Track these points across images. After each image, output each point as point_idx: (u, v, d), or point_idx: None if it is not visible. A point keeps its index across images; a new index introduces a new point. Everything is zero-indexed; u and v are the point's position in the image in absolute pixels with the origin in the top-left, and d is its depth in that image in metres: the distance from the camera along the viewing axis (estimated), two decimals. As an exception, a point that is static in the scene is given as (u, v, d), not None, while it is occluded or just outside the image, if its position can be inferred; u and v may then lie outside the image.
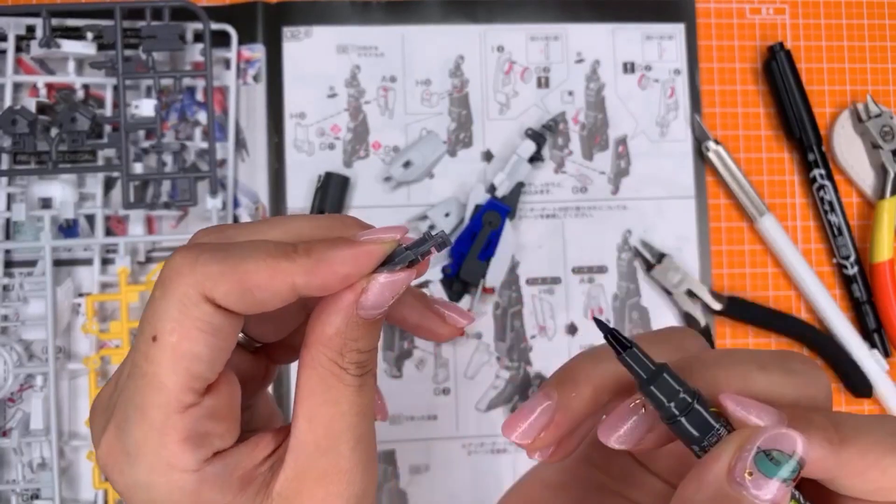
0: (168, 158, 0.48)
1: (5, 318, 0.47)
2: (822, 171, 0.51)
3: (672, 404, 0.19)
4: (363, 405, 0.21)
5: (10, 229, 0.48)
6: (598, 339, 0.20)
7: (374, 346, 0.21)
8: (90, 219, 0.48)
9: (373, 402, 0.22)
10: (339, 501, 0.20)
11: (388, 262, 0.20)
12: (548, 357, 0.50)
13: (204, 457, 0.19)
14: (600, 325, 0.20)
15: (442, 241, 0.20)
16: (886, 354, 0.51)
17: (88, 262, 0.48)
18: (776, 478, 0.17)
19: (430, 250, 0.20)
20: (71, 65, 0.48)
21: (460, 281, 0.48)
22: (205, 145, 0.48)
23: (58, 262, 0.48)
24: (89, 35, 0.48)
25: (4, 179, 0.47)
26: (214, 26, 0.48)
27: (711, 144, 0.51)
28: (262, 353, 0.25)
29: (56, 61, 0.49)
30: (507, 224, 0.49)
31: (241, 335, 0.23)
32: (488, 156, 0.51)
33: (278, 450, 0.21)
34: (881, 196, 0.52)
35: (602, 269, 0.51)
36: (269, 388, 0.27)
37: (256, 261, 0.19)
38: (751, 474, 0.17)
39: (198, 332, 0.19)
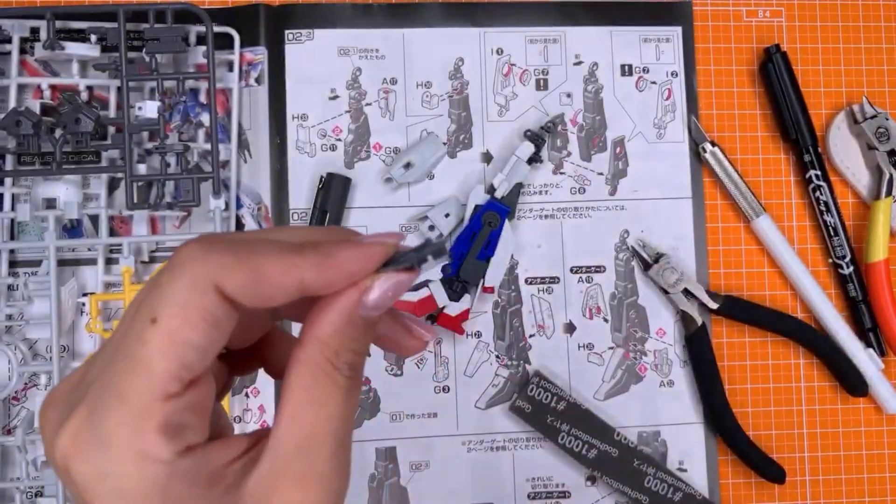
0: (171, 159, 0.48)
1: (10, 317, 0.47)
2: (818, 172, 0.52)
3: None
4: (349, 410, 0.21)
5: (15, 229, 0.48)
6: (597, 340, 0.21)
7: (367, 348, 0.21)
8: (94, 219, 0.49)
9: (356, 409, 0.22)
10: None
11: (388, 265, 0.20)
12: (546, 355, 0.51)
13: (178, 448, 0.19)
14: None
15: (439, 250, 0.20)
16: (881, 353, 0.52)
17: (92, 261, 0.48)
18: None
19: (427, 257, 0.20)
20: (75, 66, 0.49)
21: (460, 280, 0.49)
22: (208, 146, 0.48)
23: (62, 262, 0.48)
24: (93, 37, 0.48)
25: (9, 180, 0.48)
26: (217, 29, 0.49)
27: (708, 146, 0.52)
28: (225, 360, 0.24)
29: (60, 63, 0.49)
30: (507, 224, 0.50)
31: None
32: (488, 157, 0.52)
33: (251, 451, 0.20)
34: (876, 197, 0.52)
35: (600, 269, 0.52)
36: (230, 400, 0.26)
37: (268, 254, 0.19)
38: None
39: (200, 321, 0.18)
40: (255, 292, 0.19)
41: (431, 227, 0.50)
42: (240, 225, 0.50)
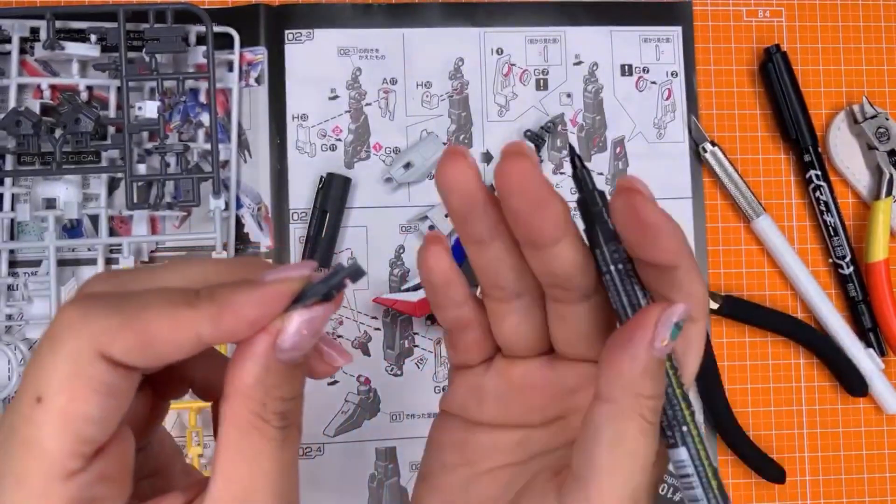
0: (171, 159, 0.48)
1: (9, 317, 0.47)
2: (818, 172, 0.52)
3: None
4: (286, 461, 0.19)
5: (15, 229, 0.48)
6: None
7: (297, 392, 0.19)
8: (94, 219, 0.49)
9: (296, 457, 0.20)
10: None
11: (299, 300, 0.19)
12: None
13: None
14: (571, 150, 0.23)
15: (355, 272, 0.19)
16: (882, 353, 0.52)
17: (92, 262, 0.48)
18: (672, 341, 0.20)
19: (343, 282, 0.19)
20: (75, 66, 0.49)
21: (460, 281, 0.49)
22: (207, 146, 0.48)
23: (62, 262, 0.48)
24: (93, 37, 0.48)
25: (9, 180, 0.48)
26: (217, 29, 0.49)
27: (708, 146, 0.52)
28: (147, 387, 0.22)
29: (60, 63, 0.49)
30: (507, 224, 0.50)
31: None
32: (488, 157, 0.52)
33: None
34: (877, 197, 0.52)
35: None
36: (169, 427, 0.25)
37: (156, 310, 0.17)
38: (664, 343, 0.20)
39: (90, 393, 0.17)
40: (145, 354, 0.17)
41: (431, 227, 0.50)
42: (240, 224, 0.50)
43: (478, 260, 0.23)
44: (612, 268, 0.22)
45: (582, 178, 0.22)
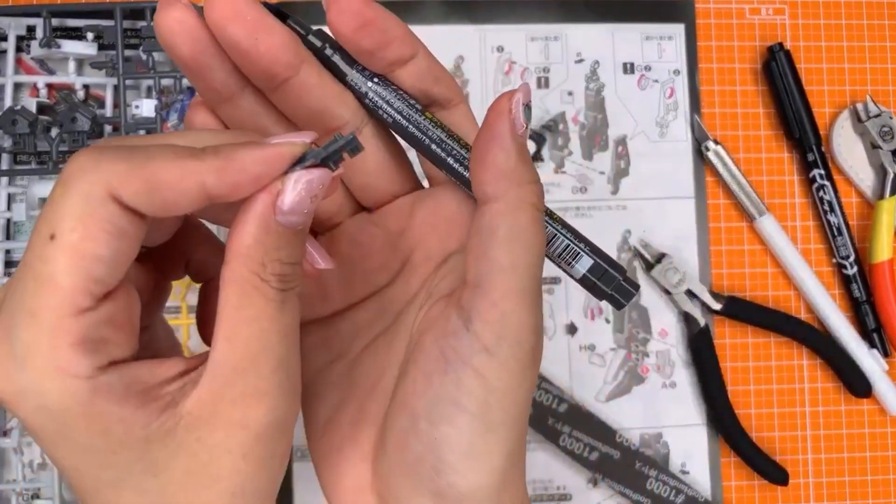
0: (168, 158, 0.48)
1: (6, 317, 0.47)
2: (822, 172, 0.52)
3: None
4: (286, 324, 0.20)
5: (11, 229, 0.48)
6: (598, 341, 0.21)
7: (297, 259, 0.20)
8: (90, 219, 0.48)
9: (296, 325, 0.20)
10: (256, 425, 0.19)
11: (299, 164, 0.19)
12: (547, 356, 0.50)
13: (99, 363, 0.18)
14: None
15: (353, 146, 0.19)
16: (886, 354, 0.51)
17: (89, 262, 0.48)
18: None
19: (341, 155, 0.19)
20: (71, 65, 0.48)
21: (460, 281, 0.48)
22: (205, 145, 0.48)
23: (58, 262, 0.48)
24: (90, 35, 0.48)
25: (5, 179, 0.47)
26: (215, 26, 0.48)
27: (711, 144, 0.51)
28: (150, 265, 0.23)
29: (56, 61, 0.49)
30: (507, 224, 0.49)
31: None
32: (488, 156, 0.51)
33: (191, 372, 0.20)
34: (881, 196, 0.52)
35: (602, 269, 0.51)
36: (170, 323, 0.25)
37: (164, 159, 0.18)
38: (524, 128, 0.21)
39: (101, 233, 0.17)
40: (153, 200, 0.18)
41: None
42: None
43: (237, 122, 0.23)
44: (369, 84, 0.23)
45: (293, 27, 0.22)
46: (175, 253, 0.23)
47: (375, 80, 0.23)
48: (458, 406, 0.21)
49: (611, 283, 0.22)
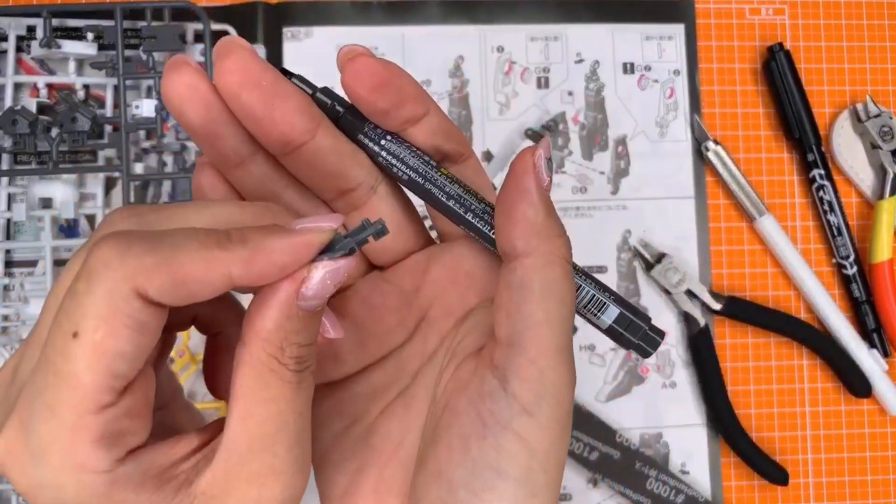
0: (168, 159, 0.48)
1: (6, 318, 0.47)
2: (822, 172, 0.52)
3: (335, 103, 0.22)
4: (301, 404, 0.20)
5: (11, 229, 0.48)
6: (598, 341, 0.21)
7: (314, 339, 0.20)
8: (91, 219, 0.48)
9: (310, 404, 0.20)
10: (272, 503, 0.19)
11: (326, 251, 0.19)
12: (547, 357, 0.50)
13: (117, 456, 0.18)
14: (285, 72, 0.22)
15: (380, 230, 0.19)
16: (885, 354, 0.51)
17: (89, 262, 0.48)
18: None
19: (367, 239, 0.19)
20: (71, 65, 0.48)
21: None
22: (205, 145, 0.48)
23: (58, 263, 0.48)
24: (90, 35, 0.48)
25: (5, 179, 0.47)
26: (215, 26, 0.48)
27: (711, 144, 0.51)
28: None
29: (56, 61, 0.49)
30: (507, 224, 0.49)
31: None
32: (488, 156, 0.51)
33: (204, 448, 0.20)
34: (880, 196, 0.52)
35: (602, 269, 0.51)
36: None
37: (190, 251, 0.17)
38: (548, 181, 0.21)
39: (125, 329, 0.17)
40: (179, 293, 0.18)
41: (431, 228, 0.50)
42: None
43: (248, 188, 0.22)
44: (382, 143, 0.22)
45: (301, 85, 0.22)
46: (183, 309, 0.23)
47: (388, 137, 0.22)
48: (499, 473, 0.20)
49: (637, 332, 0.22)
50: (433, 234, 0.26)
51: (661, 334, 0.22)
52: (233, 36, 0.20)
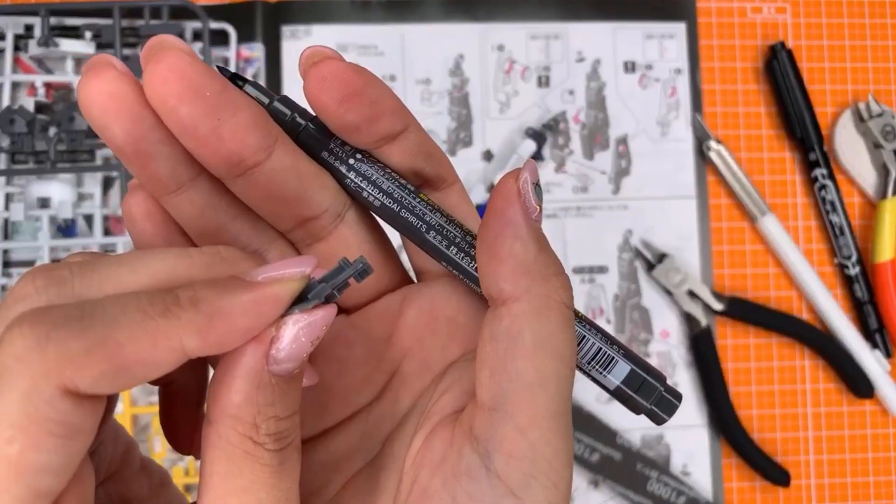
0: (167, 158, 0.47)
1: (3, 318, 0.47)
2: (824, 171, 0.51)
3: (295, 115, 0.19)
4: (285, 489, 0.16)
5: (9, 229, 0.48)
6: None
7: (294, 409, 0.16)
8: (89, 219, 0.48)
9: (297, 483, 0.17)
10: None
11: (298, 302, 0.15)
12: (548, 357, 0.50)
13: None
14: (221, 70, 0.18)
15: (363, 269, 0.16)
16: (888, 355, 0.51)
17: (87, 262, 0.48)
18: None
19: (347, 282, 0.16)
20: (69, 64, 0.48)
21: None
22: (204, 145, 0.48)
23: (56, 262, 0.47)
24: (88, 34, 0.47)
25: (2, 179, 0.47)
26: (213, 25, 0.48)
27: (713, 144, 0.51)
28: None
29: (54, 60, 0.49)
30: (508, 224, 0.49)
31: None
32: (488, 155, 0.51)
33: None
34: (883, 196, 0.52)
35: (603, 269, 0.51)
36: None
37: (130, 326, 0.14)
38: (538, 212, 0.18)
39: (49, 438, 0.13)
40: (120, 380, 0.14)
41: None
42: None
43: (188, 217, 0.18)
44: (351, 162, 0.19)
45: (254, 95, 0.19)
46: None
47: (358, 155, 0.19)
48: None
49: (650, 394, 0.19)
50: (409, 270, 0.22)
51: (679, 397, 0.19)
52: (166, 35, 0.16)
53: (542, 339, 0.17)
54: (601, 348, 0.19)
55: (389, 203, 0.19)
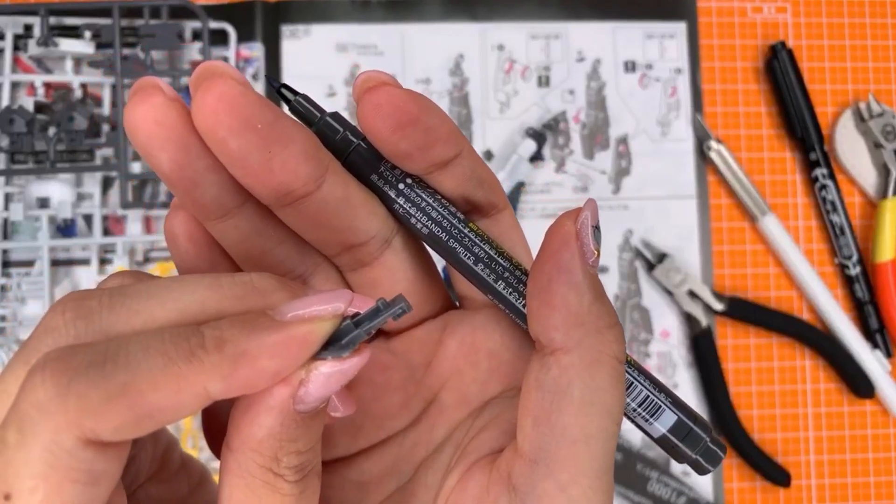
0: (166, 158, 0.47)
1: (3, 318, 0.47)
2: (824, 171, 0.51)
3: (347, 133, 0.18)
4: None
5: (8, 229, 0.48)
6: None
7: (317, 438, 0.16)
8: (88, 219, 0.48)
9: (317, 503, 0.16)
10: None
11: (331, 343, 0.15)
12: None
13: None
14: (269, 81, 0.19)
15: (401, 311, 0.15)
16: (889, 355, 0.51)
17: (86, 262, 0.48)
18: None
19: (382, 323, 0.15)
20: (69, 64, 0.48)
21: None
22: (203, 145, 0.48)
23: (55, 263, 0.47)
24: (87, 34, 0.47)
25: (2, 179, 0.47)
26: (213, 25, 0.48)
27: (713, 144, 0.51)
28: None
29: (54, 60, 0.49)
30: (508, 224, 0.49)
31: None
32: (489, 155, 0.51)
33: None
34: (883, 196, 0.51)
35: (603, 269, 0.51)
36: None
37: (152, 372, 0.13)
38: (595, 256, 0.17)
39: (72, 485, 0.13)
40: (142, 427, 0.14)
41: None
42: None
43: (232, 242, 0.18)
44: (400, 186, 0.18)
45: (304, 109, 0.18)
46: None
47: (409, 181, 0.18)
48: None
49: (696, 445, 0.18)
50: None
51: (723, 448, 0.18)
52: (216, 62, 0.15)
53: (591, 394, 0.16)
54: (649, 395, 0.18)
55: (438, 231, 0.18)
